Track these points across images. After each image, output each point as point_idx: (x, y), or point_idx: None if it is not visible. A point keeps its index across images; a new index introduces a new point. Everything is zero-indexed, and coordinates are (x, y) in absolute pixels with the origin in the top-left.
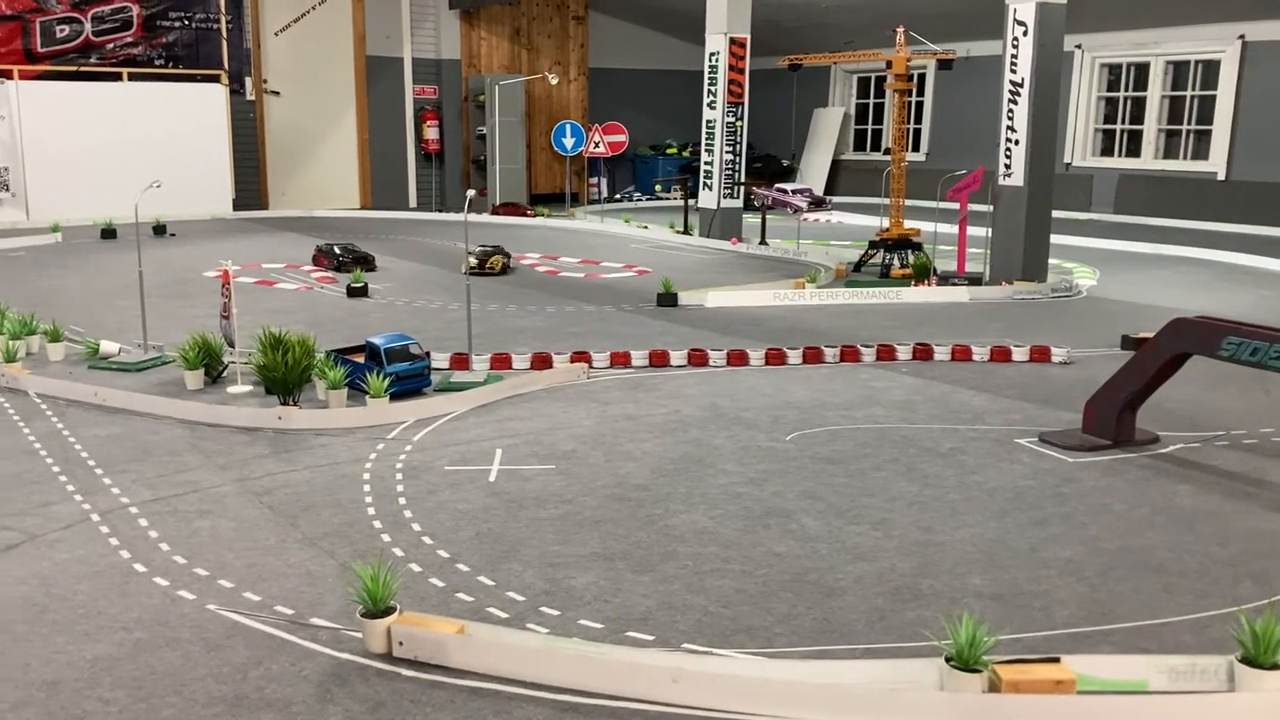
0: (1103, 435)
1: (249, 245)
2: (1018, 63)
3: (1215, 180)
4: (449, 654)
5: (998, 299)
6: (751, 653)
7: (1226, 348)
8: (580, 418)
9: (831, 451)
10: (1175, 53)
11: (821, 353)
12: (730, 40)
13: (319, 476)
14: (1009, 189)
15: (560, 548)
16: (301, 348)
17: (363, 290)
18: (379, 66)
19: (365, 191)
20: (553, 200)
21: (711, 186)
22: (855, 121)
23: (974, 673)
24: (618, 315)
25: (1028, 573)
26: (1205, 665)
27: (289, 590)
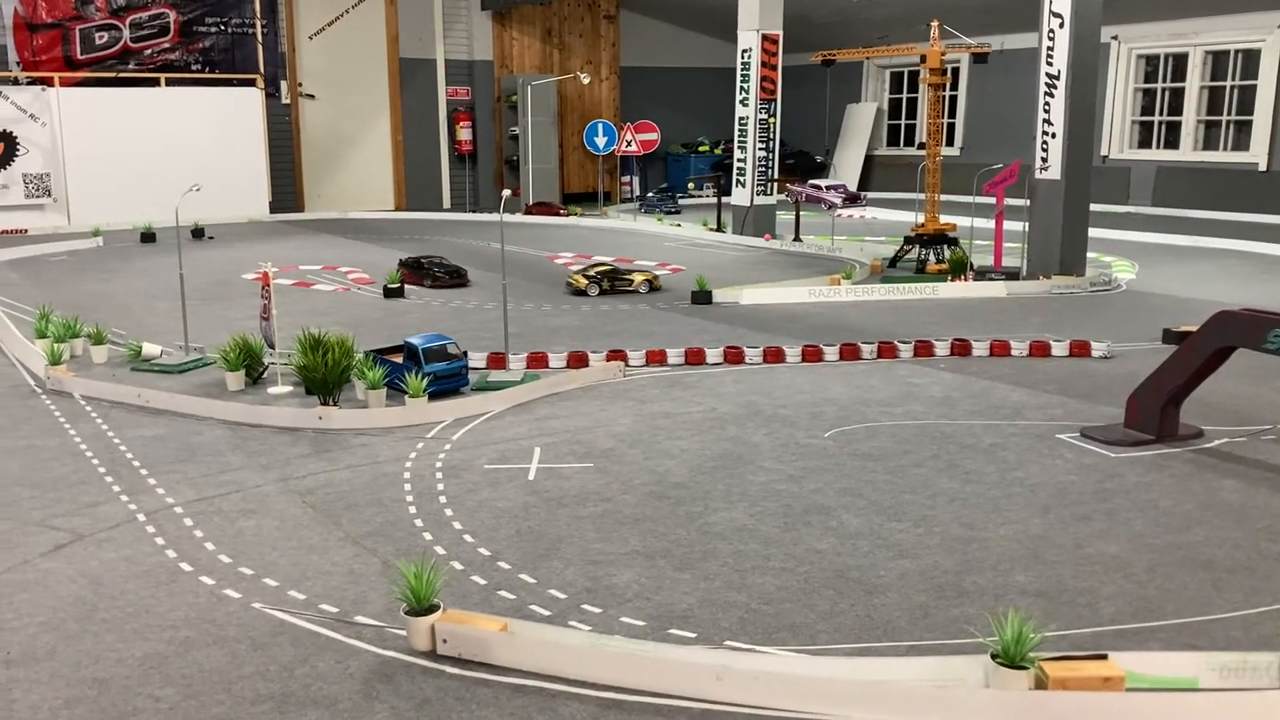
0: (1146, 430)
1: (286, 247)
2: (1054, 55)
3: (1256, 171)
4: (493, 651)
5: (1036, 294)
6: (795, 650)
7: (1273, 340)
8: (617, 416)
9: (871, 448)
10: (1214, 42)
11: (859, 349)
12: (762, 37)
13: (360, 476)
14: (1046, 182)
15: (601, 545)
16: (341, 348)
17: (399, 291)
18: (412, 68)
19: (400, 193)
20: (586, 199)
21: (745, 184)
22: (888, 117)
23: (1021, 670)
24: (653, 313)
25: (1073, 569)
26: (1257, 662)
27: (333, 588)
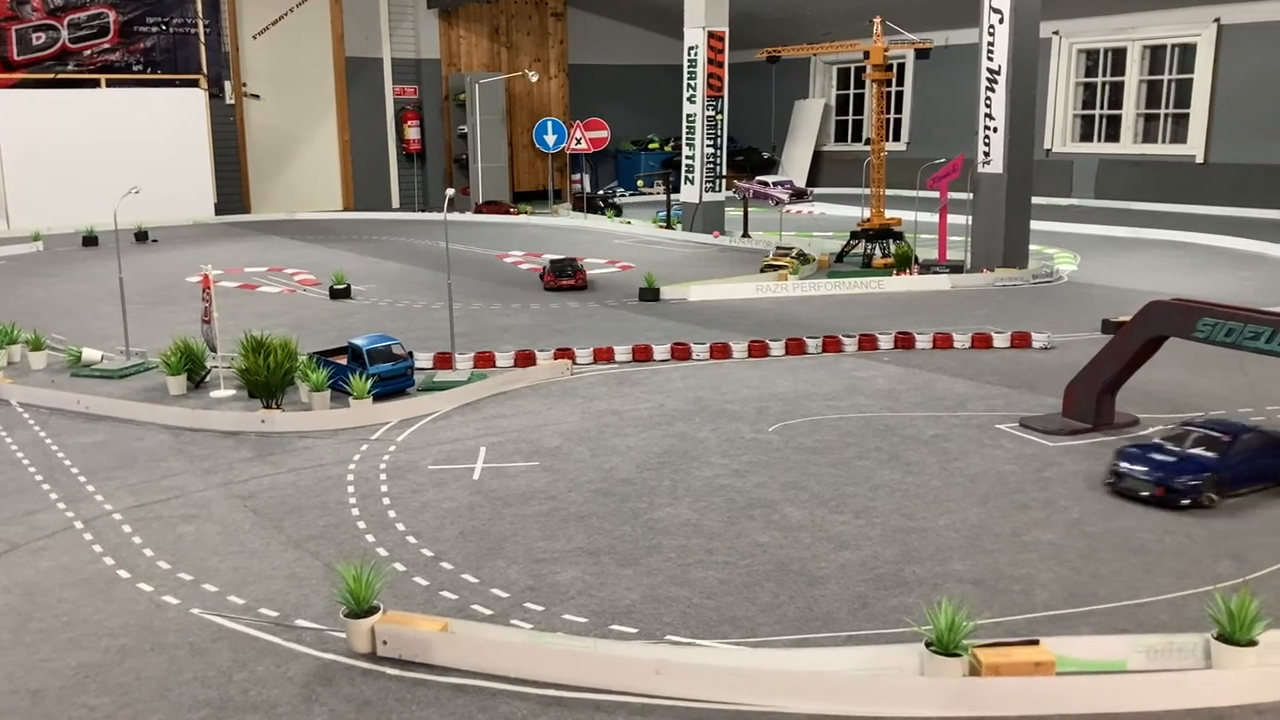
0: (1083, 419)
1: (232, 249)
2: (995, 50)
3: (1194, 163)
4: (433, 652)
5: (979, 286)
6: (735, 643)
7: (1201, 329)
8: (565, 414)
9: (815, 441)
10: (1152, 37)
11: (804, 344)
12: (708, 34)
13: (303, 479)
14: (988, 176)
15: (545, 543)
16: (283, 351)
17: (345, 292)
18: (358, 67)
19: (348, 193)
20: (536, 198)
21: (693, 180)
22: (836, 113)
23: (954, 657)
24: (602, 311)
25: (1010, 557)
26: (1182, 644)
27: (274, 593)
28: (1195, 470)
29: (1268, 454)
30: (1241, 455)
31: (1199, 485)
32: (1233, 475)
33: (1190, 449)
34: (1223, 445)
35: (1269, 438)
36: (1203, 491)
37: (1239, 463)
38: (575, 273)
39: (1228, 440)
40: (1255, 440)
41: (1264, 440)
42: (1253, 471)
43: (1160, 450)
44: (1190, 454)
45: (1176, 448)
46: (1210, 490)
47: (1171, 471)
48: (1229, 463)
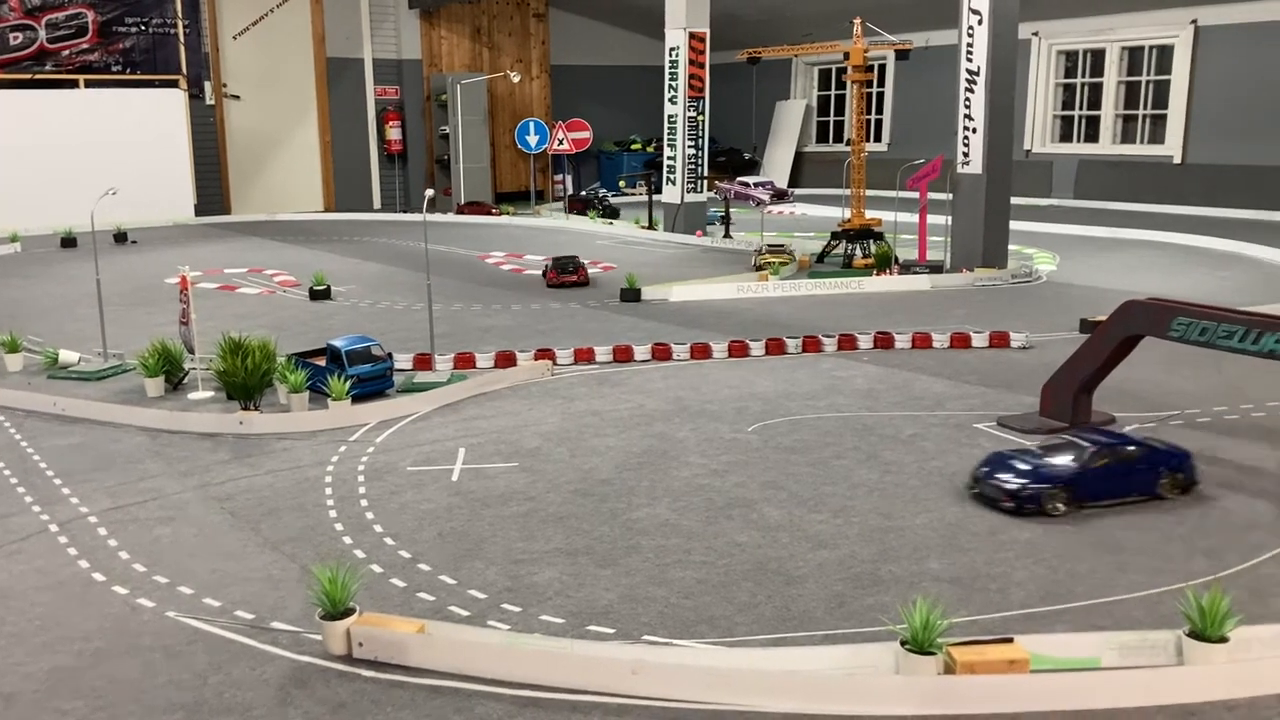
0: (1060, 418)
1: (211, 250)
2: (974, 51)
3: (1172, 164)
4: (409, 653)
5: (959, 286)
6: (712, 643)
7: (1176, 328)
8: (545, 415)
9: (794, 441)
10: (1130, 38)
11: (784, 344)
12: (689, 35)
13: (281, 480)
14: (968, 177)
15: (523, 544)
16: (262, 352)
17: (325, 293)
18: (339, 68)
19: (329, 194)
20: (518, 198)
21: (675, 181)
22: (817, 114)
23: (929, 655)
24: (584, 311)
25: (986, 556)
26: (1155, 640)
27: (250, 595)
28: (1041, 481)
29: (1139, 468)
30: (1101, 468)
31: (1038, 495)
32: (1088, 487)
33: (1050, 459)
34: (1083, 457)
35: (1146, 451)
36: (1046, 502)
37: (1097, 475)
38: (577, 269)
39: (1092, 452)
40: (1128, 454)
41: (1138, 454)
42: (1115, 485)
43: (1020, 459)
44: (1043, 464)
45: (1037, 458)
46: (1058, 500)
47: (1022, 481)
48: (1084, 475)
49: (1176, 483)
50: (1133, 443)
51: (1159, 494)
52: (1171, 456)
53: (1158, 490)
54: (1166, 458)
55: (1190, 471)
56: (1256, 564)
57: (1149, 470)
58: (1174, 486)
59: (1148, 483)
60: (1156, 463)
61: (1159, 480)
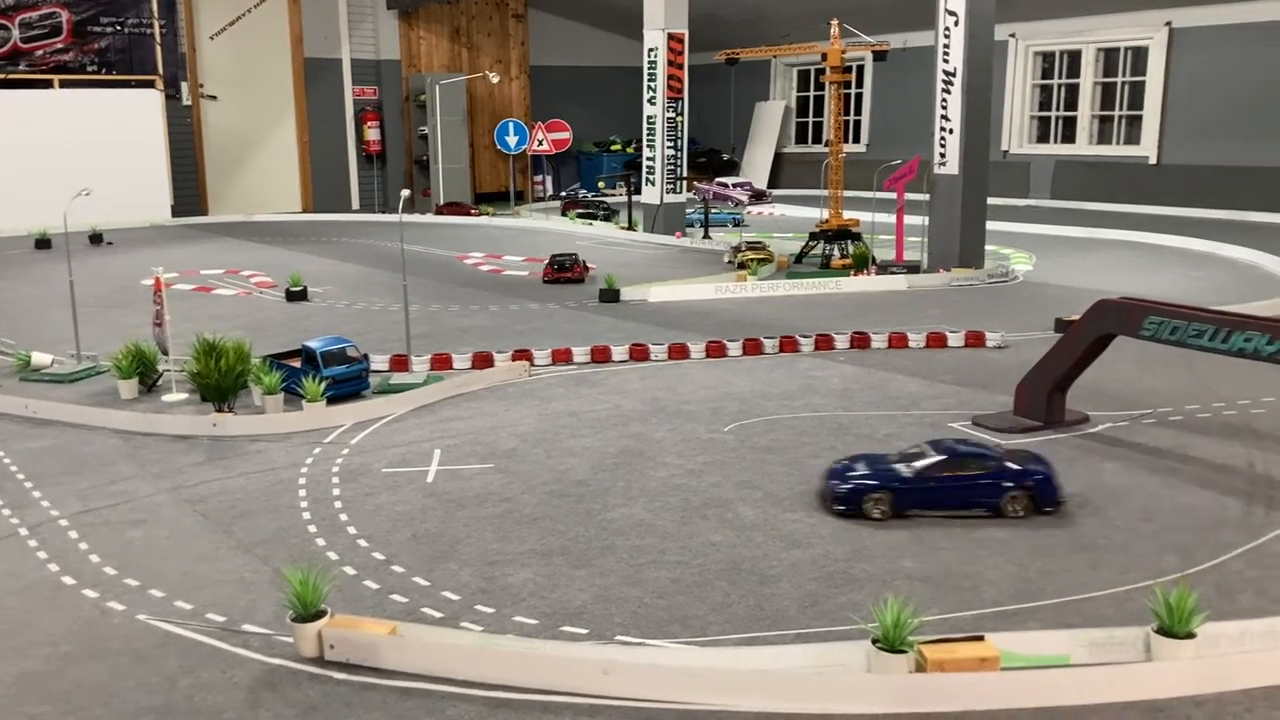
0: (1034, 417)
1: (188, 251)
2: (950, 53)
3: (1147, 164)
4: (381, 655)
5: (936, 286)
6: (685, 642)
7: (1148, 327)
8: (522, 416)
9: (770, 441)
10: (1105, 40)
11: (761, 344)
12: (668, 36)
13: (255, 483)
14: (945, 177)
15: (498, 545)
16: (236, 353)
17: (302, 294)
18: (317, 68)
19: (307, 194)
20: (498, 199)
21: (654, 182)
22: (796, 114)
23: (900, 654)
24: (562, 312)
25: (959, 554)
26: (1123, 637)
27: (222, 598)
28: (863, 486)
29: (982, 483)
30: (935, 478)
31: (859, 498)
32: (915, 496)
33: (887, 465)
34: (919, 466)
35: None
36: (865, 505)
37: (929, 485)
38: (573, 266)
39: (932, 462)
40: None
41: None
42: (947, 497)
43: (865, 463)
44: (872, 471)
45: (880, 463)
46: (880, 505)
47: (848, 486)
48: (911, 483)
49: (1023, 502)
50: (986, 457)
51: (1003, 512)
52: (1025, 475)
53: (1001, 507)
54: (1018, 475)
55: (1046, 491)
56: (1224, 561)
57: (992, 487)
58: (1020, 505)
59: (989, 499)
60: (1004, 479)
61: (1003, 497)
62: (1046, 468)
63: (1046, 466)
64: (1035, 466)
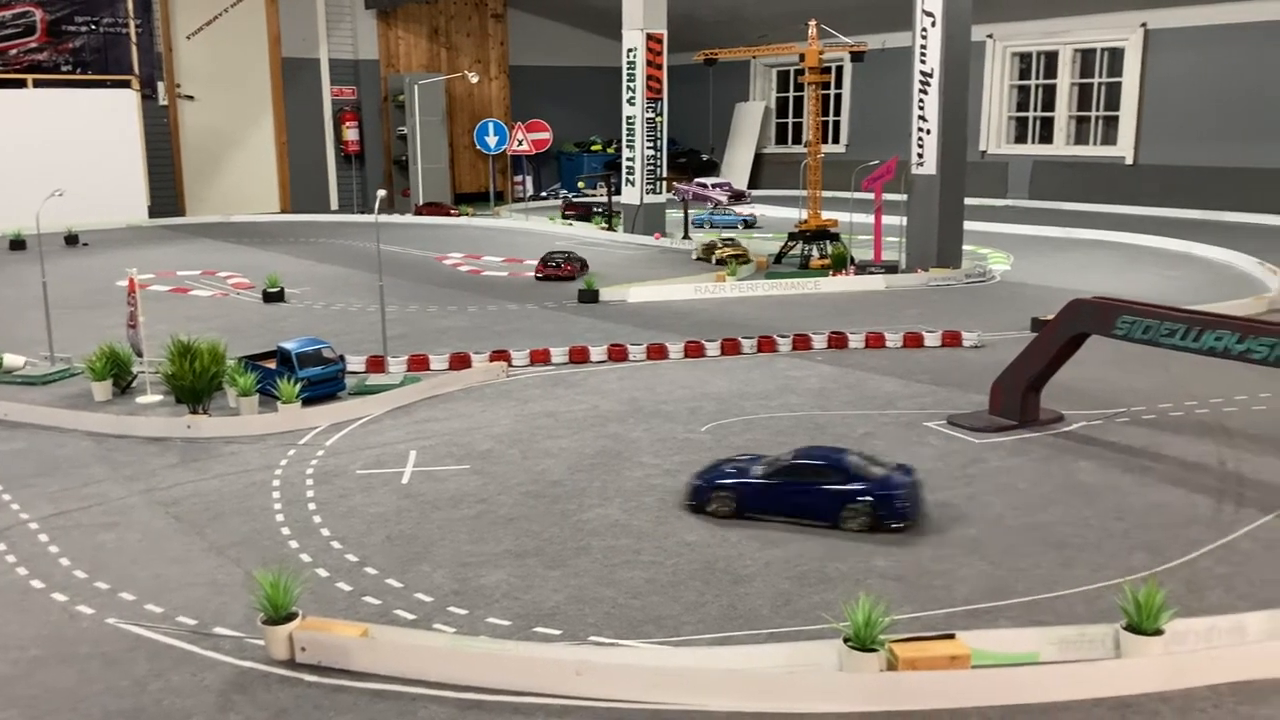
0: (1009, 416)
1: (165, 253)
2: (927, 53)
3: (1124, 164)
4: (352, 657)
5: (913, 286)
6: (658, 642)
7: (1121, 326)
8: (499, 416)
9: (747, 441)
10: (1082, 41)
11: (739, 344)
12: (647, 36)
13: (229, 485)
14: (922, 178)
15: (472, 547)
16: (211, 355)
17: (279, 295)
18: (295, 68)
19: (285, 195)
20: (478, 199)
21: (634, 182)
22: (776, 115)
23: (871, 652)
24: (541, 313)
25: (932, 552)
26: (1093, 634)
27: (193, 600)
28: (711, 485)
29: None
30: (777, 484)
31: (706, 495)
32: (756, 499)
33: (742, 467)
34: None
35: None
36: (710, 503)
37: (770, 490)
38: (564, 263)
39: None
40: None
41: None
42: (786, 504)
43: (729, 465)
44: (725, 471)
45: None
46: (724, 506)
47: (701, 480)
48: (752, 487)
49: (860, 518)
50: (835, 469)
51: (840, 525)
52: (864, 491)
53: (839, 521)
54: (857, 491)
55: (884, 509)
56: (1194, 558)
57: (831, 498)
58: (857, 521)
59: (828, 510)
60: (844, 494)
61: (841, 511)
62: (895, 486)
63: (899, 485)
64: (889, 488)
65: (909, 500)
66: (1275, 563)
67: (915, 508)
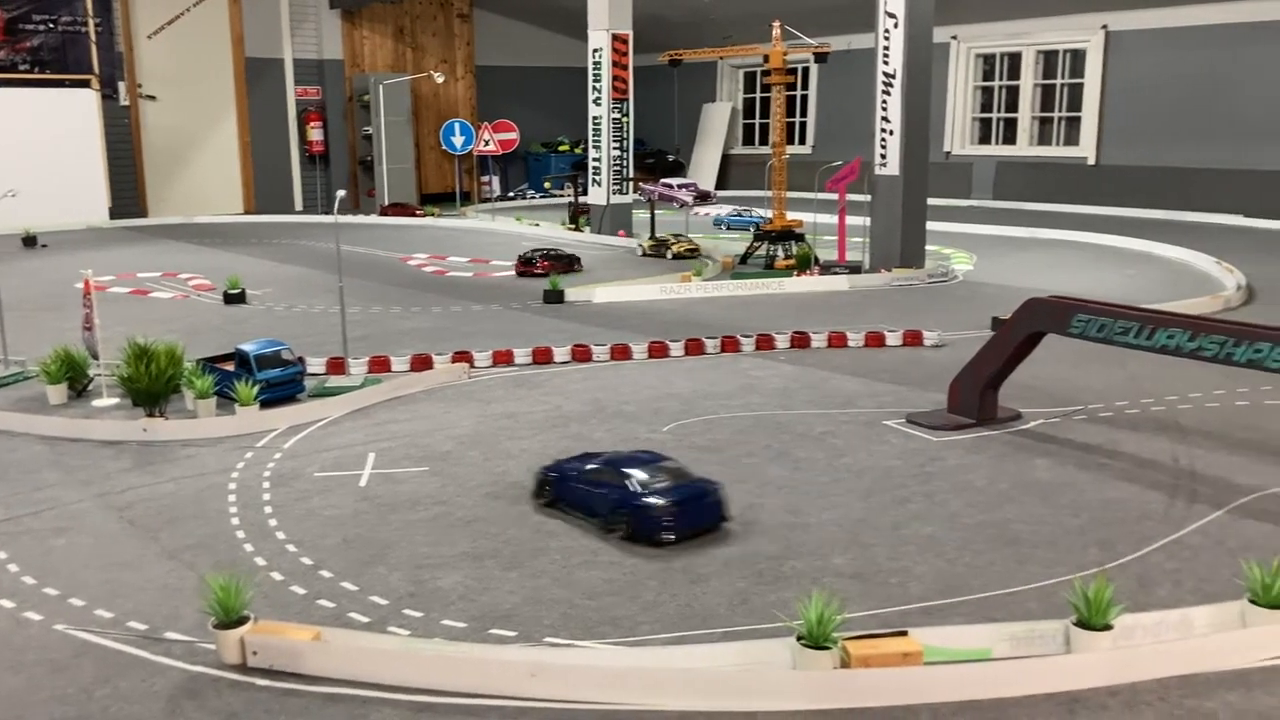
0: (967, 414)
1: (126, 254)
2: (890, 54)
3: (1086, 165)
4: (304, 661)
5: (877, 286)
6: (614, 643)
7: (1076, 325)
8: (460, 418)
9: (708, 440)
10: (1045, 42)
11: (703, 344)
12: (612, 36)
13: (184, 488)
14: (885, 178)
15: (429, 549)
16: (167, 357)
17: (240, 297)
18: (259, 68)
19: (248, 195)
20: (444, 199)
21: (600, 183)
22: (743, 116)
23: (824, 650)
24: (506, 314)
25: (888, 550)
26: (1044, 630)
27: (145, 605)
28: (543, 475)
29: (602, 497)
30: (585, 480)
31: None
32: (563, 491)
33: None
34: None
35: (617, 483)
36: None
37: (575, 484)
38: (540, 260)
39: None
40: (603, 479)
41: (609, 484)
42: (579, 499)
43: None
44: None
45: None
46: (546, 494)
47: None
48: (565, 480)
49: (621, 527)
50: (619, 475)
51: (609, 527)
52: (623, 503)
53: (608, 525)
54: (621, 501)
55: (638, 523)
56: (1146, 554)
57: (605, 501)
58: (619, 528)
59: (603, 512)
60: (616, 499)
61: (612, 514)
62: (652, 507)
63: (656, 506)
64: (649, 503)
65: (667, 518)
66: (1224, 557)
67: (682, 523)
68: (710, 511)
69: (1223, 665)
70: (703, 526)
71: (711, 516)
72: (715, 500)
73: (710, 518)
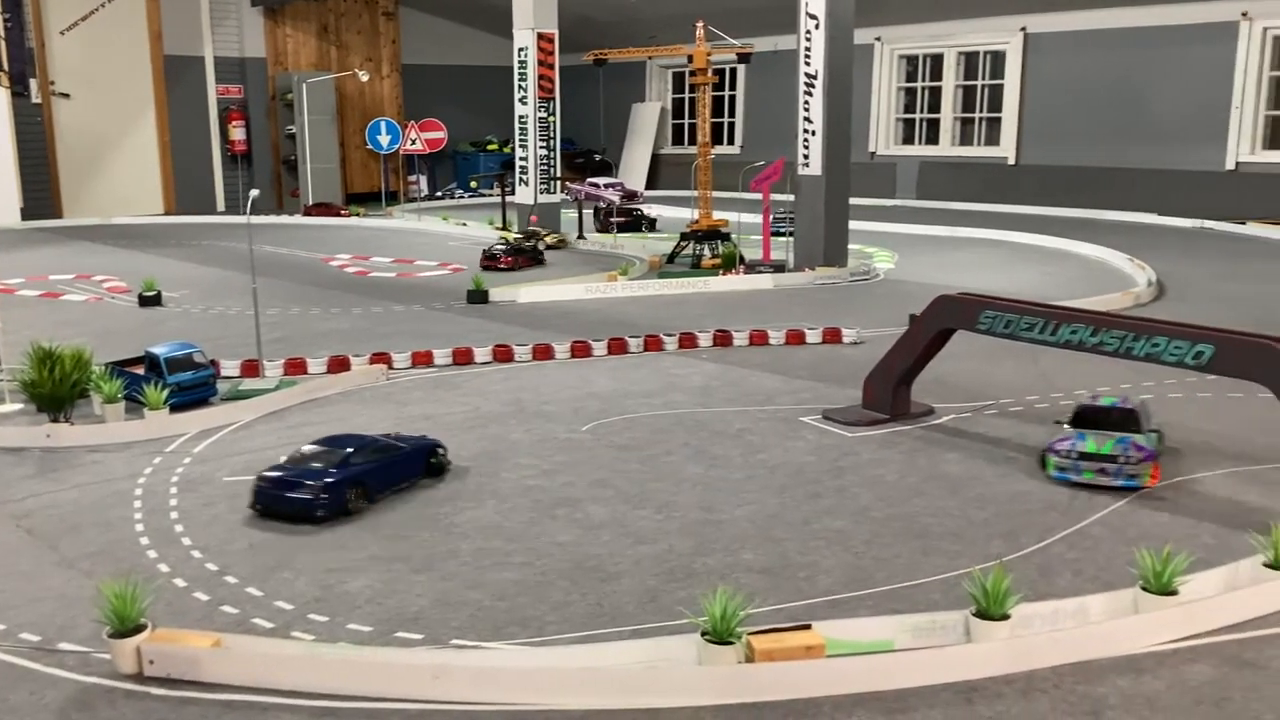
0: (881, 410)
1: (38, 256)
2: (811, 56)
3: (1006, 165)
4: (203, 668)
5: (800, 285)
6: (521, 644)
7: (984, 321)
8: (375, 420)
9: (627, 439)
10: (966, 44)
11: (626, 343)
12: (538, 35)
13: (88, 495)
14: (808, 178)
15: (337, 553)
16: (74, 361)
17: (156, 299)
18: (179, 66)
19: (169, 195)
20: (370, 199)
21: (528, 182)
22: (673, 116)
23: (728, 645)
24: (429, 314)
25: (799, 545)
26: (944, 621)
27: (40, 616)
28: None
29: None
30: (307, 456)
31: None
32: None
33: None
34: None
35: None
36: None
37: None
38: (502, 255)
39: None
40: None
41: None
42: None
43: None
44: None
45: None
46: None
47: None
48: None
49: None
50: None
51: None
52: (318, 483)
53: None
54: (319, 477)
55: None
56: (1048, 544)
57: (310, 476)
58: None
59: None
60: (313, 477)
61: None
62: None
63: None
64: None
65: (322, 495)
66: (1121, 547)
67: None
68: None
69: (1115, 651)
70: None
71: None
72: None
73: None
